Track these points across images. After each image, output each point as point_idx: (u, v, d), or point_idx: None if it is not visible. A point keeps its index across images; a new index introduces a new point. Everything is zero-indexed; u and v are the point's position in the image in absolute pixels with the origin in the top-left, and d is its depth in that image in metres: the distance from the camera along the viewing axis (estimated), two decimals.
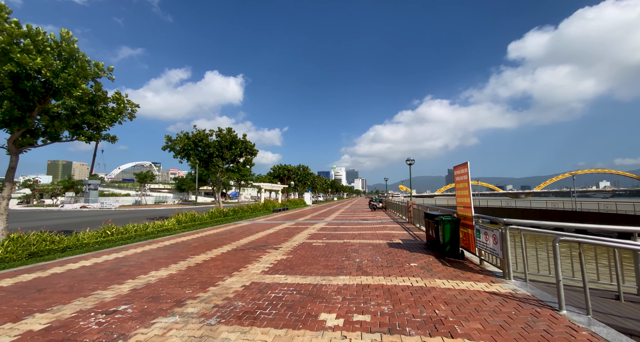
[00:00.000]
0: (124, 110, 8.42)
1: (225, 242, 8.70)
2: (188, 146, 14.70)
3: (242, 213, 18.13)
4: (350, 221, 14.69)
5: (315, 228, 11.87)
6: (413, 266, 5.38)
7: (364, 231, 10.53)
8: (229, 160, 16.83)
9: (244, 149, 16.85)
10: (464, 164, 5.89)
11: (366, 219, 16.08)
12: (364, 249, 7.06)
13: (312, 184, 44.46)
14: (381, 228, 11.37)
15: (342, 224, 13.53)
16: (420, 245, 7.57)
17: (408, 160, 13.32)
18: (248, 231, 11.23)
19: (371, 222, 13.85)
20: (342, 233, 10.17)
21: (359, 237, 9.16)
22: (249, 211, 19.75)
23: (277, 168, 34.98)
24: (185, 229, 12.09)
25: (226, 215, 16.26)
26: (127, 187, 64.54)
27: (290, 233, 10.45)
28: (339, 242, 8.15)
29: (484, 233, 5.09)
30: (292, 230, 11.37)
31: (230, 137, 16.23)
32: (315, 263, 5.77)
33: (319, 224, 13.65)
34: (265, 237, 9.60)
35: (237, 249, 7.41)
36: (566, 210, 26.18)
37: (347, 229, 11.49)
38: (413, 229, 10.76)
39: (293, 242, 8.44)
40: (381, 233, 9.85)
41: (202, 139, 14.92)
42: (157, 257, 6.68)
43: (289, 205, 29.80)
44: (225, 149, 16.09)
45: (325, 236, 9.49)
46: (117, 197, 50.93)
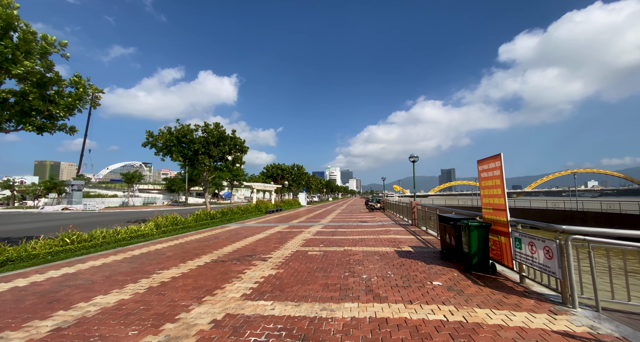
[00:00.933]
0: (84, 96, 7.09)
1: (205, 250, 7.44)
2: (170, 142, 13.33)
3: (231, 215, 16.81)
4: (348, 224, 13.54)
5: (310, 232, 10.68)
6: (437, 285, 4.24)
7: (365, 235, 9.39)
8: (216, 158, 15.51)
9: (233, 146, 15.54)
10: (495, 157, 4.77)
11: (365, 220, 14.96)
12: (369, 260, 5.90)
13: (306, 184, 43.23)
14: (384, 232, 10.24)
15: (340, 227, 12.36)
16: (434, 254, 6.44)
17: (411, 157, 12.25)
18: (235, 236, 9.97)
19: (371, 225, 12.73)
20: (341, 238, 9.00)
21: (361, 243, 8.00)
22: (239, 213, 18.44)
23: (271, 167, 33.60)
24: (165, 234, 10.77)
25: (213, 217, 14.94)
26: (114, 188, 62.28)
27: (283, 238, 9.24)
28: (339, 251, 6.97)
29: (528, 244, 3.98)
30: (285, 234, 10.16)
31: (217, 132, 14.90)
32: (311, 281, 4.58)
33: (315, 227, 12.46)
34: (253, 243, 8.37)
35: (218, 261, 6.17)
36: (567, 210, 25.55)
37: (346, 232, 10.32)
38: (420, 233, 9.66)
39: (285, 250, 7.23)
40: (385, 238, 8.71)
41: (185, 135, 13.57)
42: (116, 272, 5.40)
43: (283, 206, 28.54)
44: (212, 145, 14.76)
45: (322, 242, 8.31)
46: (103, 199, 48.84)
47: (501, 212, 4.63)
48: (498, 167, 4.67)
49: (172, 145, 13.33)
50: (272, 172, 33.03)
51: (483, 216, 5.33)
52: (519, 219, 4.43)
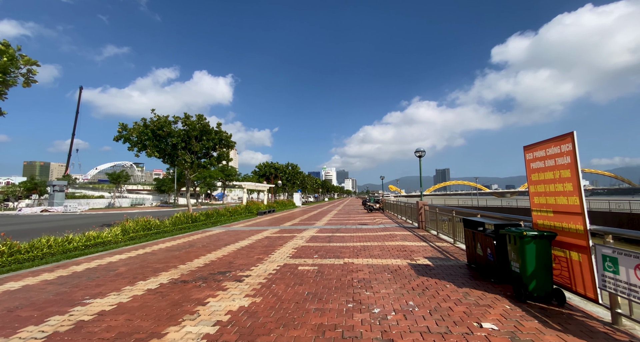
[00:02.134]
0: (11, 68, 5.50)
1: (170, 264, 5.91)
2: (144, 135, 11.71)
3: (217, 218, 15.23)
4: (346, 227, 12.09)
5: (303, 237, 9.20)
6: (490, 330, 2.79)
7: (368, 242, 7.93)
8: (199, 154, 13.92)
9: (218, 141, 13.96)
10: (563, 138, 3.36)
11: (364, 222, 13.52)
12: (379, 280, 4.45)
13: (302, 183, 41.71)
14: (389, 237, 8.81)
15: (337, 230, 10.90)
16: (461, 269, 5.01)
17: (417, 152, 10.85)
18: (214, 244, 8.44)
19: (373, 228, 11.30)
20: (340, 246, 7.53)
21: (364, 253, 6.54)
22: (227, 215, 16.86)
23: (263, 166, 31.92)
24: (133, 241, 9.19)
25: (196, 220, 13.35)
26: (102, 189, 59.89)
27: (270, 246, 7.74)
28: (338, 265, 5.50)
29: (633, 267, 2.57)
30: (274, 241, 8.66)
31: (200, 125, 13.32)
32: (299, 320, 3.10)
33: (309, 230, 10.98)
34: (233, 254, 6.85)
35: (178, 282, 4.65)
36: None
37: (345, 238, 8.86)
38: (431, 239, 8.25)
39: (270, 263, 5.74)
40: (393, 246, 7.26)
41: (162, 127, 11.96)
42: (29, 302, 3.86)
43: (276, 206, 27.00)
44: (194, 140, 13.17)
45: (316, 251, 6.83)
46: (88, 200, 46.62)
47: (573, 216, 3.22)
48: (568, 152, 3.26)
49: (147, 138, 11.69)
50: (265, 171, 31.36)
51: (534, 221, 3.93)
52: (605, 227, 3.02)
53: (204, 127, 13.33)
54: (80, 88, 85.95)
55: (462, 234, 6.94)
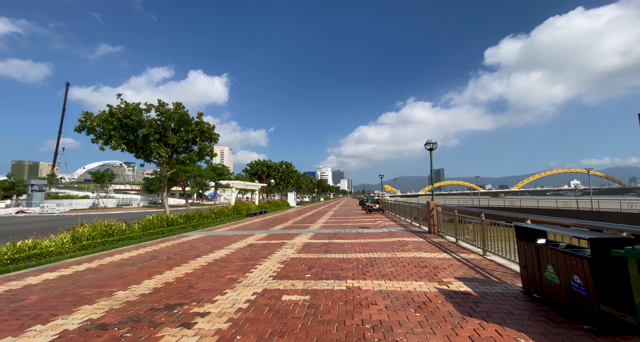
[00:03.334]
0: None
1: (106, 289, 4.25)
2: (108, 125, 9.93)
3: (199, 220, 13.51)
4: (345, 231, 10.50)
5: (295, 245, 7.58)
6: None
7: (374, 252, 6.35)
8: (178, 148, 12.19)
9: (199, 133, 12.23)
10: None
11: (365, 225, 11.96)
12: (404, 325, 2.85)
13: (296, 183, 40.00)
14: (399, 245, 7.23)
15: (335, 235, 9.30)
16: (519, 301, 3.45)
17: (427, 144, 9.31)
18: (183, 254, 6.77)
19: (376, 232, 9.73)
20: (340, 258, 5.93)
21: (372, 269, 4.95)
22: (212, 217, 15.14)
23: (255, 164, 30.09)
24: (84, 251, 7.47)
25: (172, 223, 11.62)
26: (87, 189, 57.38)
27: (252, 258, 6.10)
28: (339, 292, 3.90)
29: None
30: (258, 250, 7.03)
31: (177, 114, 11.59)
32: None
33: (302, 236, 9.36)
34: (200, 271, 5.21)
35: (93, 326, 3.00)
36: (582, 210, 23.32)
37: (345, 246, 7.27)
38: (451, 247, 6.70)
39: (244, 289, 4.12)
40: (408, 259, 5.67)
41: (130, 115, 10.18)
42: None
43: (269, 207, 25.30)
44: (170, 131, 11.43)
45: (309, 267, 5.22)
46: (71, 200, 44.28)
47: None
48: None
49: (112, 128, 9.91)
50: (257, 169, 29.53)
51: None
52: None
53: (181, 117, 11.60)
54: (67, 85, 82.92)
55: (494, 243, 5.40)
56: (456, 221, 7.34)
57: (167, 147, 11.56)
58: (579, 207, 24.03)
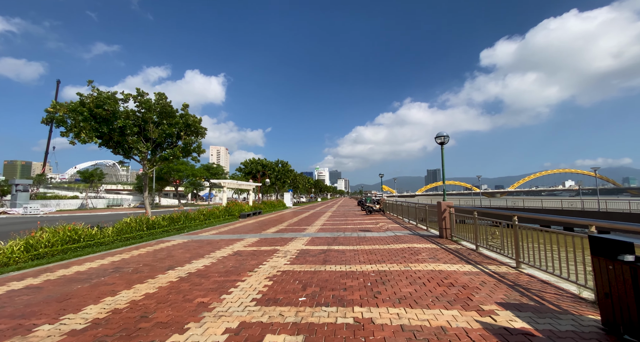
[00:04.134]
0: None
1: (26, 322, 3.13)
2: (78, 115, 8.71)
3: (184, 222, 12.34)
4: (345, 235, 9.43)
5: (288, 253, 6.48)
6: None
7: (383, 263, 5.27)
8: (162, 143, 11.01)
9: (184, 126, 11.06)
10: None
11: (367, 228, 10.90)
12: None
13: (293, 182, 38.82)
14: (410, 252, 6.17)
15: (334, 240, 8.22)
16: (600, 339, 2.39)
17: (438, 137, 8.27)
18: (154, 266, 5.64)
19: (380, 237, 8.67)
20: (342, 272, 4.84)
21: (384, 290, 3.87)
22: (200, 219, 13.98)
23: (250, 163, 28.83)
24: (38, 261, 6.33)
25: (153, 227, 10.45)
26: (77, 189, 55.64)
27: (234, 272, 5.00)
28: (343, 326, 2.81)
29: None
30: (244, 260, 5.92)
31: (159, 105, 10.42)
32: None
33: (297, 241, 8.27)
34: (165, 291, 4.10)
35: None
36: (587, 210, 22.51)
37: (347, 254, 6.19)
38: (472, 256, 5.66)
39: (214, 322, 3.02)
40: (427, 273, 4.60)
41: (102, 105, 8.96)
42: None
43: (263, 208, 24.15)
44: (151, 124, 10.25)
45: (304, 286, 4.13)
46: (59, 201, 42.64)
47: None
48: None
49: (83, 119, 8.70)
50: (252, 168, 28.27)
51: None
52: None
53: (163, 108, 10.42)
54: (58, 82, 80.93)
55: (530, 253, 4.37)
56: (476, 224, 6.29)
57: (147, 142, 10.37)
58: (584, 207, 23.24)
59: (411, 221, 12.81)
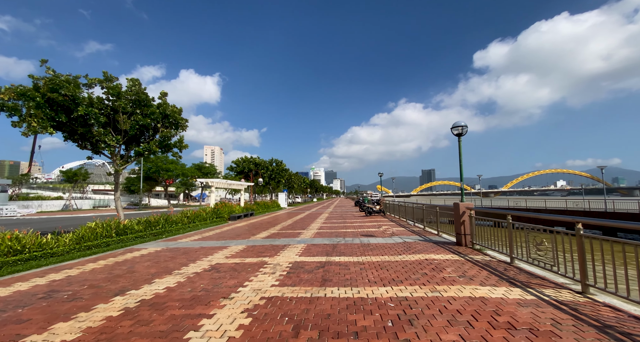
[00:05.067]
0: None
1: None
2: (29, 101, 7.25)
3: (163, 226, 10.93)
4: (346, 241, 8.16)
5: (277, 269, 5.18)
6: None
7: (402, 286, 4.01)
8: (139, 137, 9.59)
9: (161, 117, 9.65)
10: None
11: (370, 232, 9.66)
12: None
13: (288, 182, 37.43)
14: (431, 267, 4.93)
15: (334, 249, 6.95)
16: None
17: (455, 128, 7.07)
18: (100, 289, 4.29)
19: (387, 243, 7.42)
20: (348, 299, 3.57)
21: (415, 338, 2.62)
22: (184, 222, 12.57)
23: (242, 161, 27.33)
24: None
25: (124, 232, 9.05)
26: (63, 189, 53.38)
27: (202, 300, 3.69)
28: None
29: None
30: (219, 280, 4.61)
31: (131, 93, 9.00)
32: None
33: (290, 250, 6.97)
34: (89, 340, 2.77)
35: None
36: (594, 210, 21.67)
37: (352, 270, 4.93)
38: (511, 273, 4.45)
39: None
40: (467, 302, 3.35)
41: (58, 89, 7.48)
42: None
43: (256, 208, 22.78)
44: (121, 114, 8.83)
45: (296, 329, 2.85)
46: (41, 201, 40.59)
47: None
48: None
49: (35, 106, 7.22)
50: (244, 166, 26.78)
51: None
52: None
53: (136, 95, 9.01)
54: None
55: (600, 272, 3.17)
56: (511, 230, 5.09)
57: (117, 135, 8.95)
58: (590, 207, 22.39)
59: (417, 224, 11.62)
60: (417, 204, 12.02)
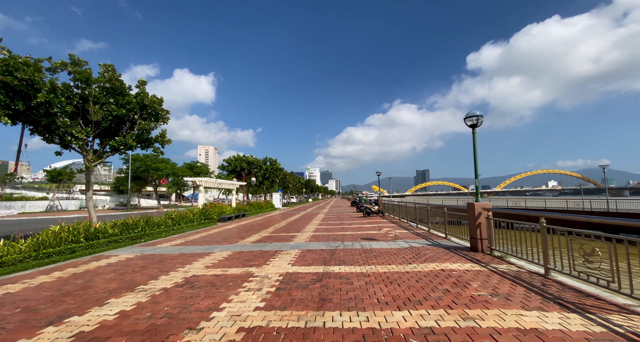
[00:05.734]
0: None
1: None
2: None
3: (144, 229, 9.89)
4: (346, 246, 7.26)
5: (264, 284, 4.25)
6: None
7: (424, 312, 3.13)
8: (106, 128, 8.55)
9: (138, 107, 8.60)
10: None
11: (371, 235, 8.78)
12: None
13: (282, 182, 36.38)
14: (450, 282, 4.06)
15: (332, 255, 6.05)
16: None
17: (469, 118, 6.22)
18: (28, 316, 3.30)
19: (392, 249, 6.55)
20: (355, 332, 2.68)
21: None
22: (168, 224, 11.53)
23: (234, 159, 26.18)
24: None
25: (95, 236, 8.00)
26: (49, 189, 51.46)
27: (160, 333, 2.75)
28: None
29: None
30: (190, 301, 3.66)
31: (104, 79, 7.96)
32: None
33: (280, 257, 6.05)
34: None
35: None
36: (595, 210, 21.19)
37: (355, 285, 4.03)
38: (553, 290, 3.62)
39: None
40: (517, 338, 2.49)
41: (13, 72, 6.44)
42: None
43: (249, 209, 21.76)
44: (91, 102, 7.78)
45: None
46: (24, 202, 38.87)
47: None
48: None
49: None
50: (236, 165, 25.66)
51: None
52: None
53: (109, 81, 7.96)
54: None
55: None
56: (544, 234, 4.25)
57: (87, 127, 7.90)
58: (592, 207, 21.91)
59: (420, 226, 10.80)
60: (420, 204, 11.20)
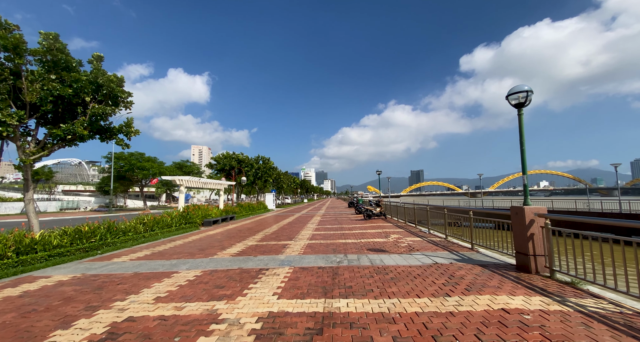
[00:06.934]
0: None
1: None
2: None
3: (104, 237, 8.15)
4: (350, 261, 5.68)
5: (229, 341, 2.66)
6: None
7: None
8: (52, 112, 6.81)
9: (91, 87, 6.86)
10: None
11: (378, 245, 7.22)
12: None
13: (276, 182, 34.64)
14: (527, 334, 2.53)
15: (334, 280, 4.47)
16: None
17: (513, 95, 4.74)
18: None
19: (411, 267, 5.00)
20: None
21: None
22: (138, 230, 9.79)
23: (223, 157, 24.31)
24: None
25: (30, 250, 6.27)
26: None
27: None
28: None
29: None
30: None
31: (43, 50, 6.25)
32: None
33: (264, 283, 4.45)
34: None
35: None
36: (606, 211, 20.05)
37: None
38: None
39: None
40: None
41: None
42: None
43: (239, 211, 20.04)
44: (24, 79, 6.05)
45: None
46: (1, 203, 36.37)
47: None
48: None
49: None
50: (225, 163, 23.83)
51: None
52: None
53: (50, 52, 6.26)
54: None
55: None
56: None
57: (21, 110, 6.16)
58: (603, 209, 20.78)
59: (433, 232, 9.29)
60: (432, 206, 9.69)
